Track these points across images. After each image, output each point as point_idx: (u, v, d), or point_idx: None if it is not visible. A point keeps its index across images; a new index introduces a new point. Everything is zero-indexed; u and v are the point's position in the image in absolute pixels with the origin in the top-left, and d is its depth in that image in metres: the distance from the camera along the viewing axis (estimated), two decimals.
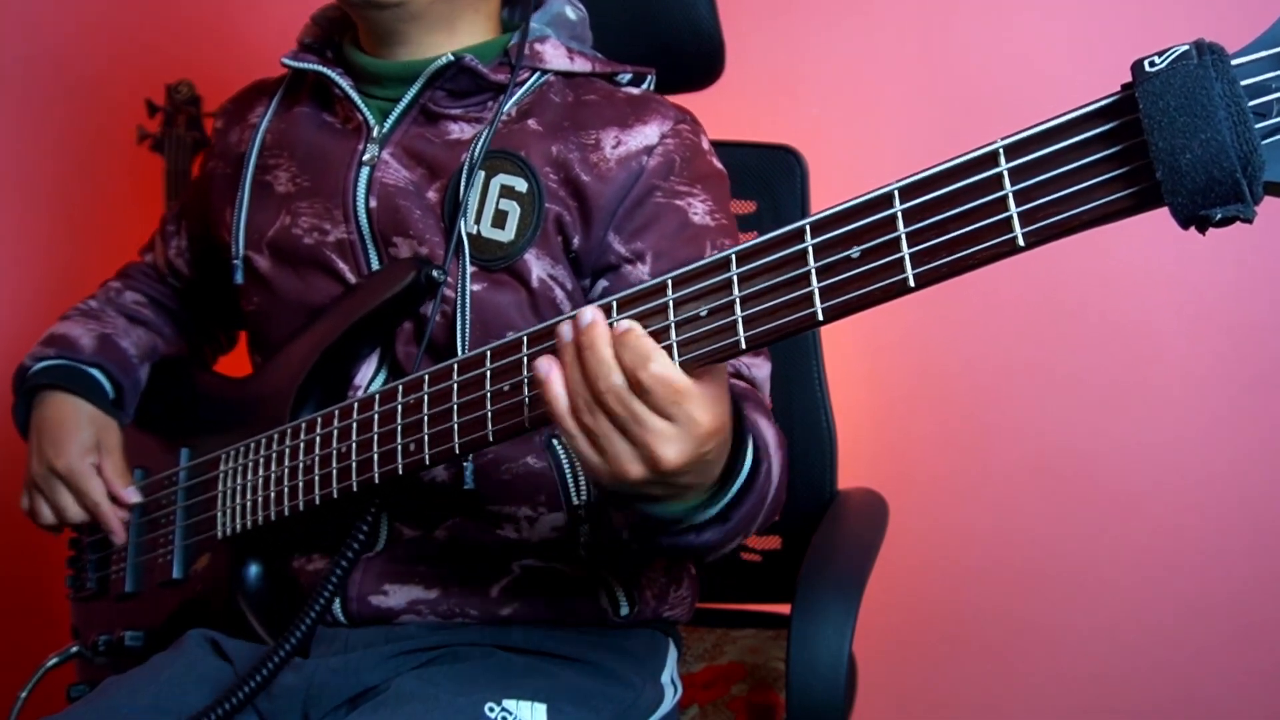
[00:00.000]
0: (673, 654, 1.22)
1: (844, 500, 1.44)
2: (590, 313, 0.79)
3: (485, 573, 1.12)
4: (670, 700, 1.18)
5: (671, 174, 1.10)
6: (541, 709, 1.03)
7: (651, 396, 0.76)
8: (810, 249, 0.70)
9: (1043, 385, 1.90)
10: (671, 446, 0.78)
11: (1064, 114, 0.60)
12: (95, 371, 1.28)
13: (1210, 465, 1.84)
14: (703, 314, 0.76)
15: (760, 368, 1.12)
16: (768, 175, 1.46)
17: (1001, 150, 0.63)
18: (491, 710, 1.01)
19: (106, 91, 2.13)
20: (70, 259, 2.17)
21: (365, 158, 1.13)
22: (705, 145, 1.16)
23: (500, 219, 1.09)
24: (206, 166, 1.32)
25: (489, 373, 0.90)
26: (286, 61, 1.19)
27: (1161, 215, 0.59)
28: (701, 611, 1.43)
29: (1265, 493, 1.83)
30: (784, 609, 1.43)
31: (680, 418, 0.77)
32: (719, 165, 1.17)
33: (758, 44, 1.91)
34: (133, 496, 1.25)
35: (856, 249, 0.68)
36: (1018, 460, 1.91)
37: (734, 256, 0.75)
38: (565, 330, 0.80)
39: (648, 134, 1.10)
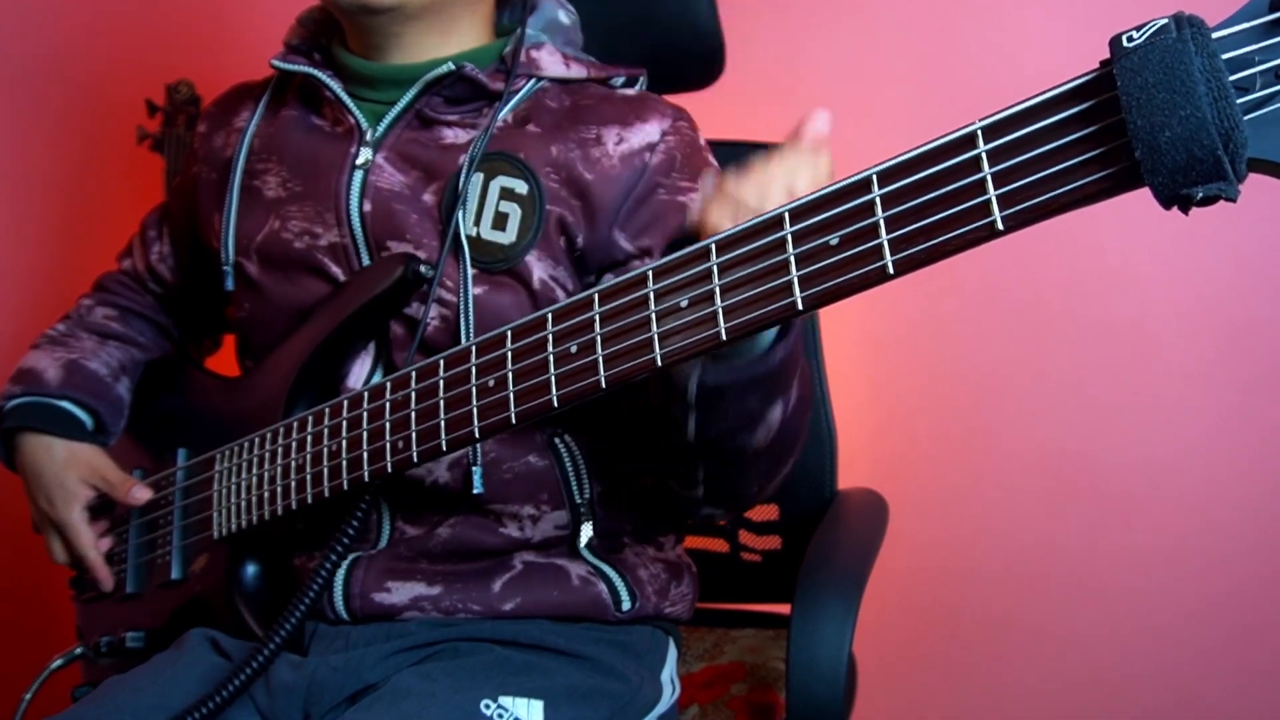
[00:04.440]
0: (672, 652, 1.21)
1: (844, 500, 1.43)
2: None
3: (487, 568, 1.11)
4: (668, 699, 1.18)
5: (673, 171, 1.11)
6: (538, 706, 1.03)
7: None
8: (789, 236, 0.69)
9: (1043, 385, 1.89)
10: None
11: (1042, 93, 0.59)
12: (65, 404, 1.28)
13: (1211, 466, 1.83)
14: (683, 305, 0.75)
15: None
16: None
17: (979, 132, 0.62)
18: (488, 707, 1.00)
19: (106, 91, 2.13)
20: (70, 258, 2.17)
21: (359, 161, 1.13)
22: (701, 141, 1.17)
23: (501, 221, 1.09)
24: (190, 172, 1.31)
25: (474, 368, 0.89)
26: (276, 64, 1.18)
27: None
28: (701, 611, 1.42)
29: (1266, 493, 1.82)
30: (784, 609, 1.42)
31: None
32: (714, 161, 1.18)
33: (758, 44, 1.91)
34: (143, 493, 1.25)
35: (835, 236, 0.67)
36: (1018, 460, 1.90)
37: (714, 246, 0.74)
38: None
39: (649, 131, 1.11)
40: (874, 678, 1.52)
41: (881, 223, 0.65)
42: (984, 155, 0.61)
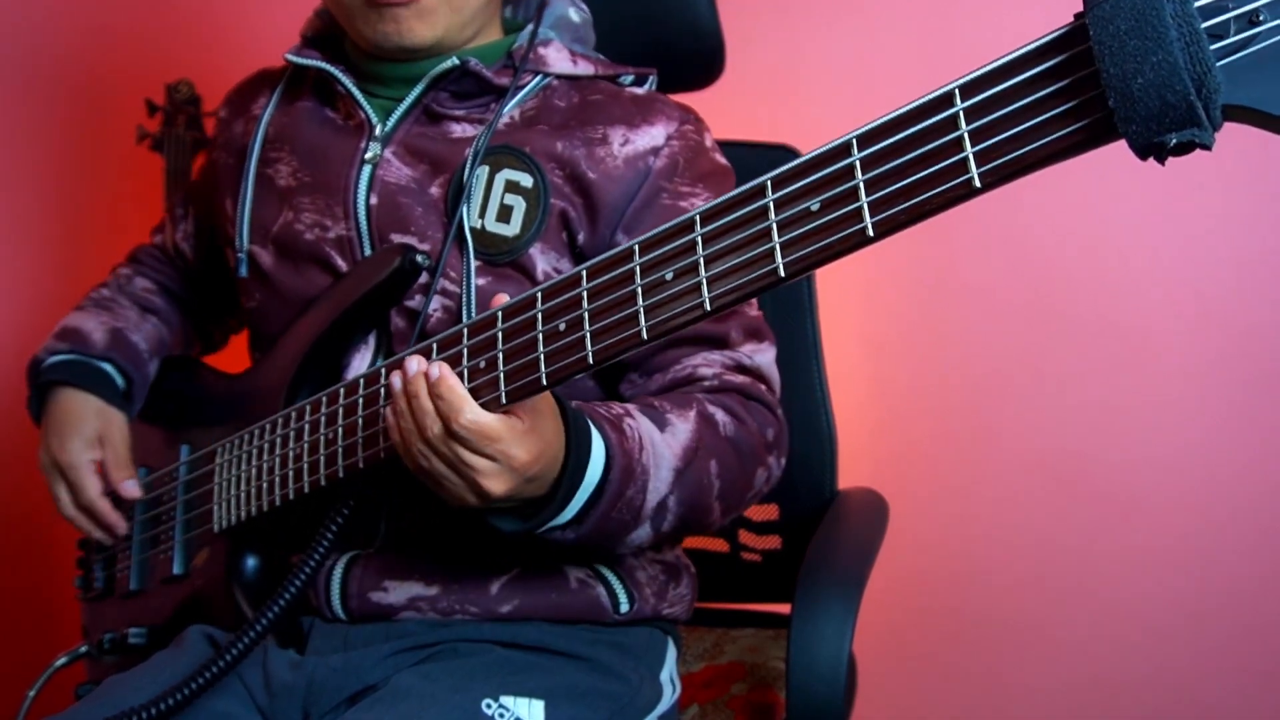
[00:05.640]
0: (672, 652, 1.21)
1: (844, 500, 1.43)
2: (415, 363, 0.89)
3: (485, 569, 1.11)
4: (669, 698, 1.18)
5: (675, 175, 1.12)
6: (539, 705, 1.03)
7: (468, 442, 0.88)
8: (771, 204, 0.70)
9: (1042, 385, 1.89)
10: (495, 480, 0.89)
11: (1019, 49, 0.59)
12: (106, 366, 1.28)
13: (1211, 466, 1.83)
14: (669, 277, 0.76)
15: (763, 353, 1.14)
16: None
17: (957, 90, 0.62)
18: (489, 707, 1.00)
19: (106, 91, 2.13)
20: (70, 258, 2.18)
21: (367, 156, 1.14)
22: (708, 143, 1.17)
23: (505, 214, 1.10)
24: (211, 156, 1.33)
25: (465, 350, 0.90)
26: (290, 57, 1.20)
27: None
28: (701, 611, 1.42)
29: (1266, 493, 1.82)
30: (784, 609, 1.42)
31: (499, 456, 0.88)
32: (722, 161, 1.18)
33: (758, 44, 1.92)
34: (133, 490, 1.25)
35: (816, 201, 0.67)
36: (1018, 460, 1.91)
37: (698, 217, 0.74)
38: (395, 380, 0.91)
39: (654, 135, 1.11)
40: (874, 678, 1.52)
41: (861, 185, 0.65)
42: (961, 114, 0.61)
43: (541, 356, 0.84)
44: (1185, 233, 1.80)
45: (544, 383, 0.84)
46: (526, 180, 1.10)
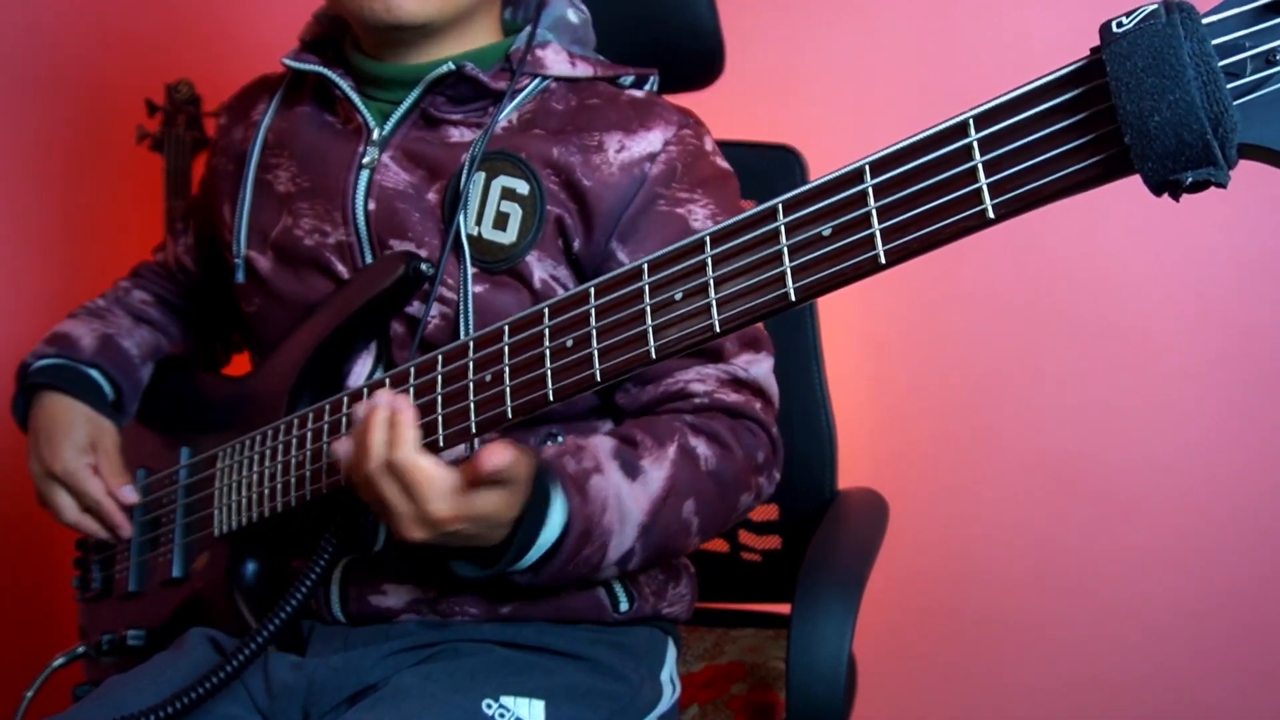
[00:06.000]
0: (672, 652, 1.21)
1: (844, 500, 1.43)
2: (382, 396, 0.91)
3: None
4: (669, 698, 1.18)
5: (673, 181, 1.10)
6: (539, 706, 1.03)
7: (399, 478, 0.89)
8: (782, 228, 0.69)
9: (1042, 386, 1.89)
10: (410, 526, 0.90)
11: (1034, 80, 0.59)
12: (94, 372, 1.28)
13: (1211, 466, 1.84)
14: (678, 298, 0.75)
15: (759, 363, 1.12)
16: (768, 175, 1.45)
17: (971, 120, 0.61)
18: (489, 707, 1.00)
19: (106, 91, 2.13)
20: (70, 259, 2.18)
21: (365, 160, 1.13)
22: (709, 147, 1.15)
23: (501, 221, 1.09)
24: (211, 163, 1.32)
25: (471, 363, 0.89)
26: (287, 62, 1.19)
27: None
28: (701, 611, 1.42)
29: (1266, 493, 1.82)
30: (784, 609, 1.42)
31: (417, 502, 0.89)
32: (723, 165, 1.16)
33: (758, 44, 1.91)
34: (129, 496, 1.24)
35: (828, 226, 0.66)
36: (1018, 460, 1.91)
37: (708, 239, 0.74)
38: (359, 409, 0.92)
39: (651, 140, 1.10)
40: (874, 678, 1.52)
41: (874, 212, 0.65)
42: (975, 144, 0.61)
43: (549, 373, 0.84)
44: (1185, 233, 1.80)
45: (550, 398, 0.84)
46: (523, 187, 1.09)
